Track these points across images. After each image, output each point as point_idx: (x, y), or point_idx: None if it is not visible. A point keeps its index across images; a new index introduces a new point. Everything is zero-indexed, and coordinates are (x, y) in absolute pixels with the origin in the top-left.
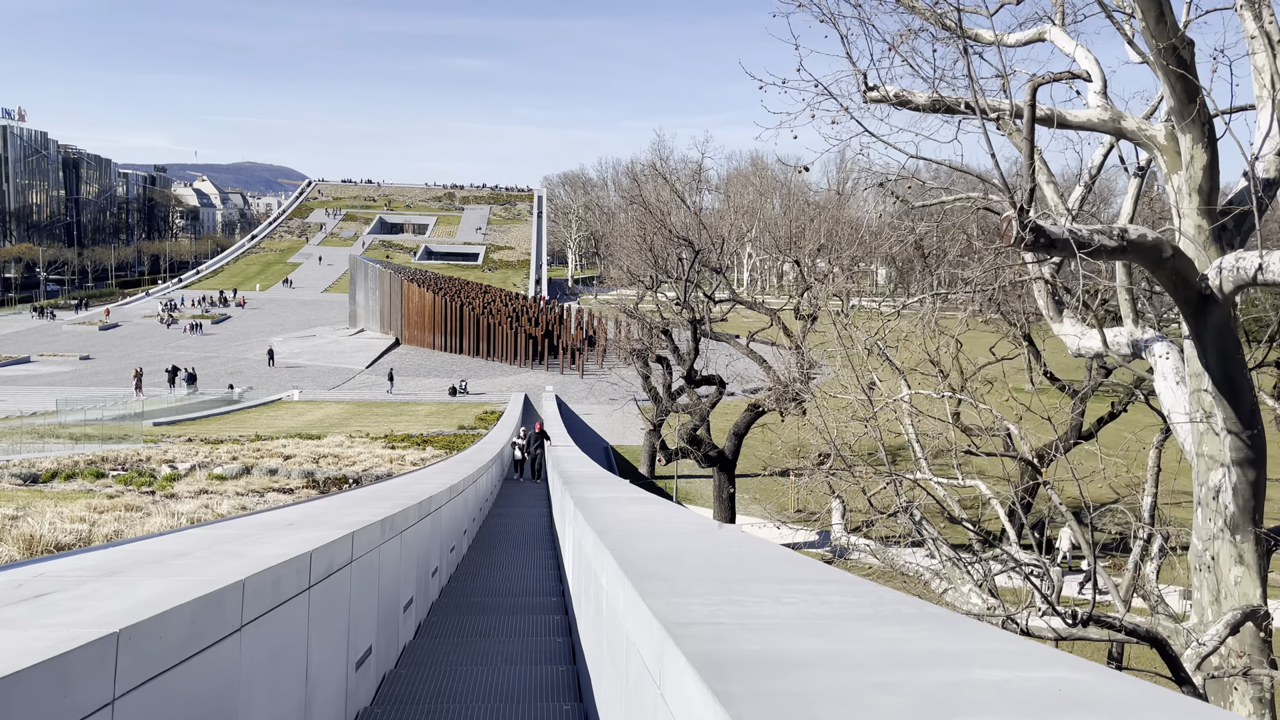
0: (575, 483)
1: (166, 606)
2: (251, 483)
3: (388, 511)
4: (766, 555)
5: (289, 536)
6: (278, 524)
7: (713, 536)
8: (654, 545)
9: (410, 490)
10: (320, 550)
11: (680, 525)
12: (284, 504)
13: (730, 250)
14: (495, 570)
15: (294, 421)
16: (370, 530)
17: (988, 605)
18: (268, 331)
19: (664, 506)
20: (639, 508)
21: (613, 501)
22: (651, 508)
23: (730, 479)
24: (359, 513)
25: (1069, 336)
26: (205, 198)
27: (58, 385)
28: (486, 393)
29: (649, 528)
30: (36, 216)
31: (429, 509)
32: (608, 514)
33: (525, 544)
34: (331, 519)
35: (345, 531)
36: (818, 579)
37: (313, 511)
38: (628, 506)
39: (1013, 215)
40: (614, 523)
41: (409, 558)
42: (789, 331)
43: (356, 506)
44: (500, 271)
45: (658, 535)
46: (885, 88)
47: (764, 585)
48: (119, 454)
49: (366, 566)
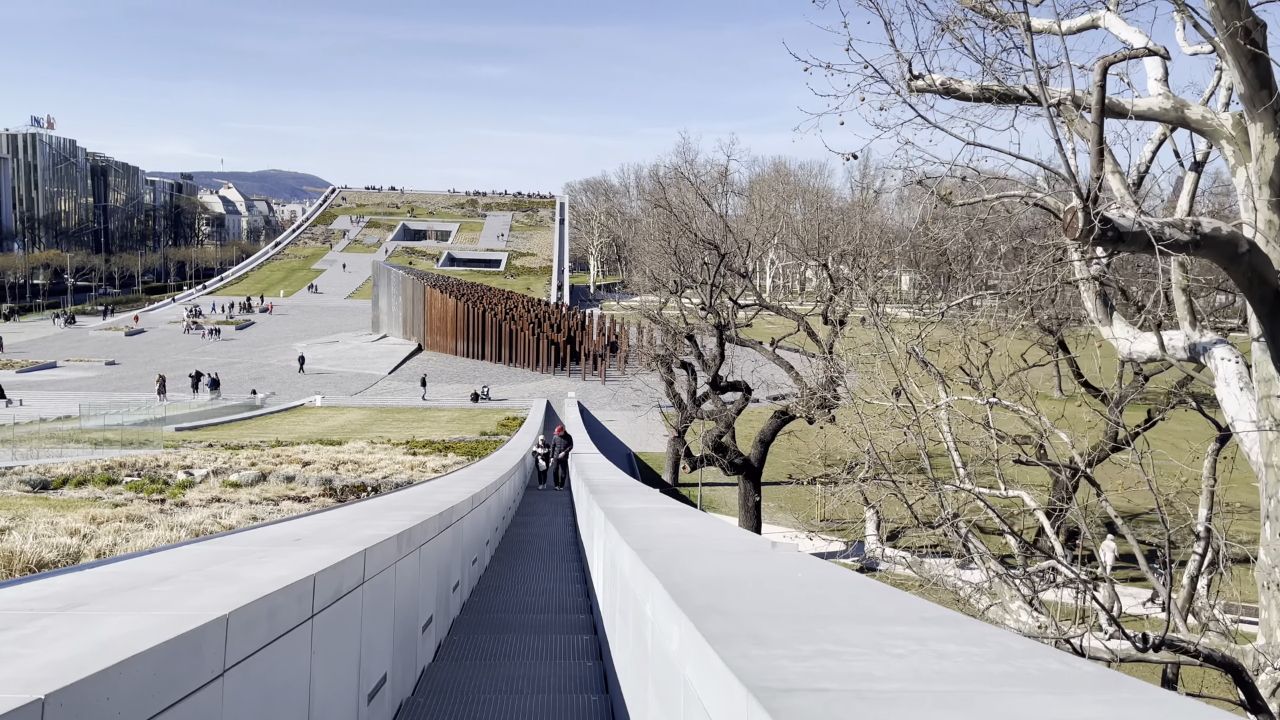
0: (603, 492)
1: (123, 655)
2: (267, 490)
3: (406, 524)
4: (836, 581)
5: (294, 555)
6: (285, 539)
7: (767, 557)
8: (703, 567)
9: (430, 500)
10: (327, 572)
11: (726, 542)
12: (298, 514)
13: (756, 254)
14: (519, 583)
15: (316, 427)
16: (386, 546)
17: (1039, 624)
18: (291, 337)
19: (701, 519)
20: (675, 520)
21: (645, 513)
22: (688, 520)
23: (756, 487)
24: (375, 525)
25: (1120, 340)
26: (230, 205)
27: (83, 390)
28: (508, 399)
29: (691, 544)
30: (65, 223)
31: (450, 520)
32: (642, 528)
33: (549, 555)
34: (344, 532)
35: (358, 549)
36: (912, 617)
37: (325, 524)
38: (662, 519)
39: (1079, 206)
40: (652, 539)
41: (429, 573)
42: (816, 337)
43: (373, 518)
44: (522, 278)
45: (704, 554)
46: (931, 76)
47: (853, 627)
48: (137, 459)
49: (381, 586)
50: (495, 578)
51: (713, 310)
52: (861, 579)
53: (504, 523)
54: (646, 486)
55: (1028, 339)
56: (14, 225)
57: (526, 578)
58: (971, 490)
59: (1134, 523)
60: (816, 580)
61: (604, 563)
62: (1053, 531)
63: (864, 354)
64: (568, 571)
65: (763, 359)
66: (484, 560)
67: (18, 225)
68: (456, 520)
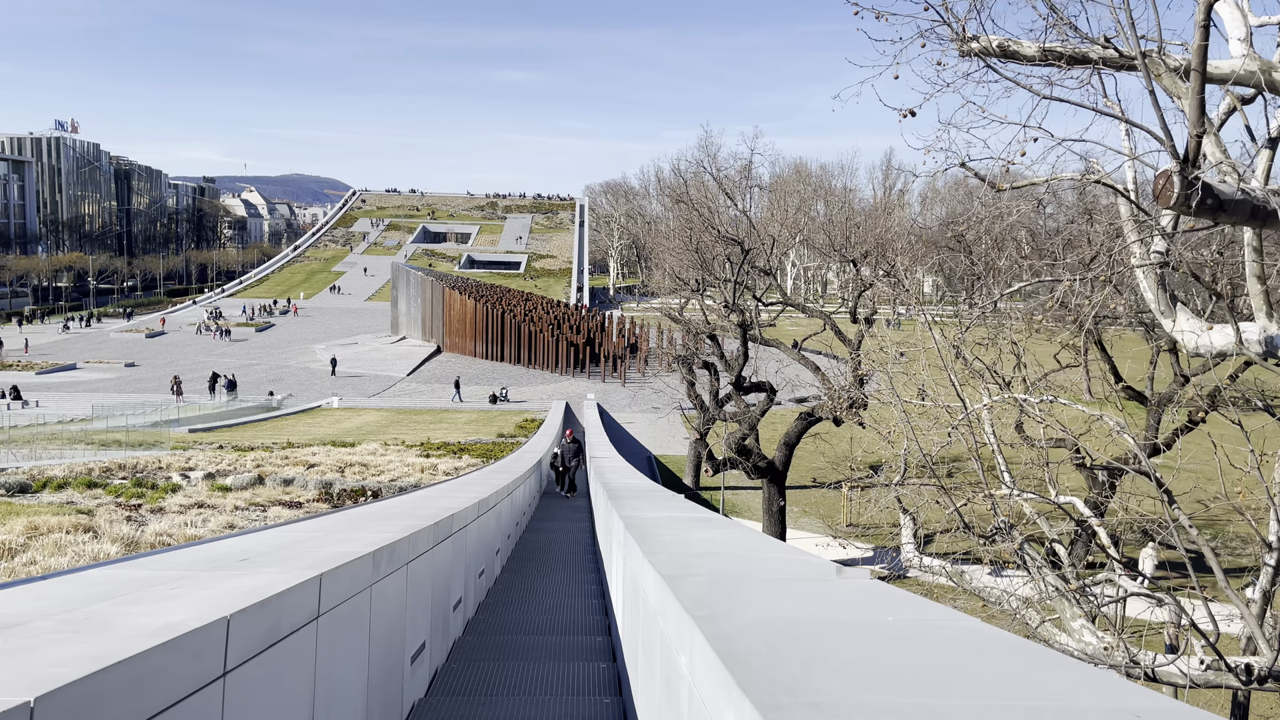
0: (623, 498)
1: None
2: (259, 494)
3: (391, 537)
4: (944, 627)
5: (223, 584)
6: (228, 560)
7: (836, 589)
8: (756, 606)
9: (430, 506)
10: (252, 611)
11: (777, 566)
12: (282, 521)
13: (780, 251)
14: (531, 598)
15: (332, 429)
16: (356, 567)
17: (1103, 645)
18: (310, 339)
19: (738, 532)
20: (707, 534)
21: (672, 524)
22: (723, 534)
23: (781, 491)
24: (355, 538)
25: (1185, 334)
26: (253, 208)
27: (101, 392)
28: (527, 400)
29: (733, 569)
30: (89, 227)
31: (449, 529)
32: (669, 542)
33: (565, 565)
34: (310, 549)
35: (311, 573)
36: (1106, 701)
37: (294, 538)
38: (692, 531)
39: (1174, 169)
40: (683, 559)
41: (420, 593)
42: (844, 336)
43: (355, 529)
44: (542, 280)
45: (753, 585)
46: (988, 37)
47: None
48: (139, 461)
49: (349, 617)
50: (505, 591)
51: (736, 308)
52: (970, 623)
53: (517, 530)
54: (670, 492)
55: (1054, 340)
56: (38, 228)
57: (539, 592)
58: (1022, 496)
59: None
60: (918, 627)
61: (624, 582)
62: (1110, 542)
63: (894, 353)
64: (584, 585)
65: (786, 359)
66: (494, 571)
67: (42, 228)
68: (458, 529)
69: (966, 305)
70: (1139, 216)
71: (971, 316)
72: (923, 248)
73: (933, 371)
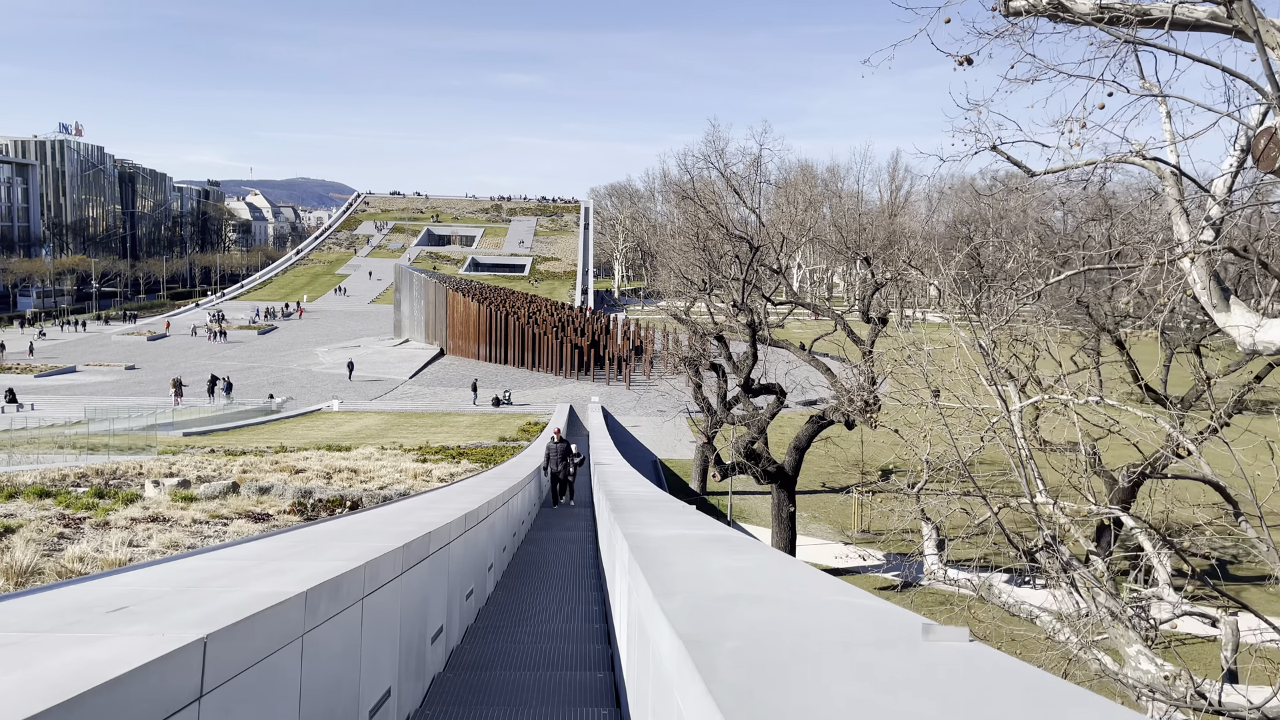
0: (627, 510)
1: None
2: (227, 505)
3: (339, 567)
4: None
5: (48, 660)
6: (95, 611)
7: (924, 658)
8: (819, 691)
9: (406, 521)
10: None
11: (833, 615)
12: (230, 541)
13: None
14: (525, 622)
15: (330, 433)
16: (271, 618)
17: (1164, 674)
18: (312, 342)
19: (766, 558)
20: (729, 560)
21: (685, 546)
22: (748, 560)
23: (790, 497)
24: (292, 569)
25: (1239, 329)
26: (257, 211)
27: (100, 394)
28: (530, 404)
29: (776, 622)
30: (93, 230)
31: (425, 550)
32: (685, 576)
33: (565, 581)
34: (218, 590)
35: (186, 638)
36: None
37: (209, 571)
38: (711, 558)
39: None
40: (706, 608)
41: (382, 630)
42: (856, 336)
43: (299, 555)
44: (546, 283)
45: (808, 656)
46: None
47: None
48: (119, 466)
49: (253, 688)
50: (497, 613)
51: (745, 308)
52: None
53: (515, 541)
54: (679, 503)
55: (1068, 342)
56: (42, 231)
57: (535, 614)
58: (1060, 506)
59: (1185, 536)
60: None
61: (629, 619)
62: (1155, 555)
63: (925, 350)
64: (586, 606)
65: (796, 361)
66: (485, 589)
67: (46, 231)
68: (438, 549)
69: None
70: (1188, 202)
71: (1001, 315)
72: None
73: (965, 372)
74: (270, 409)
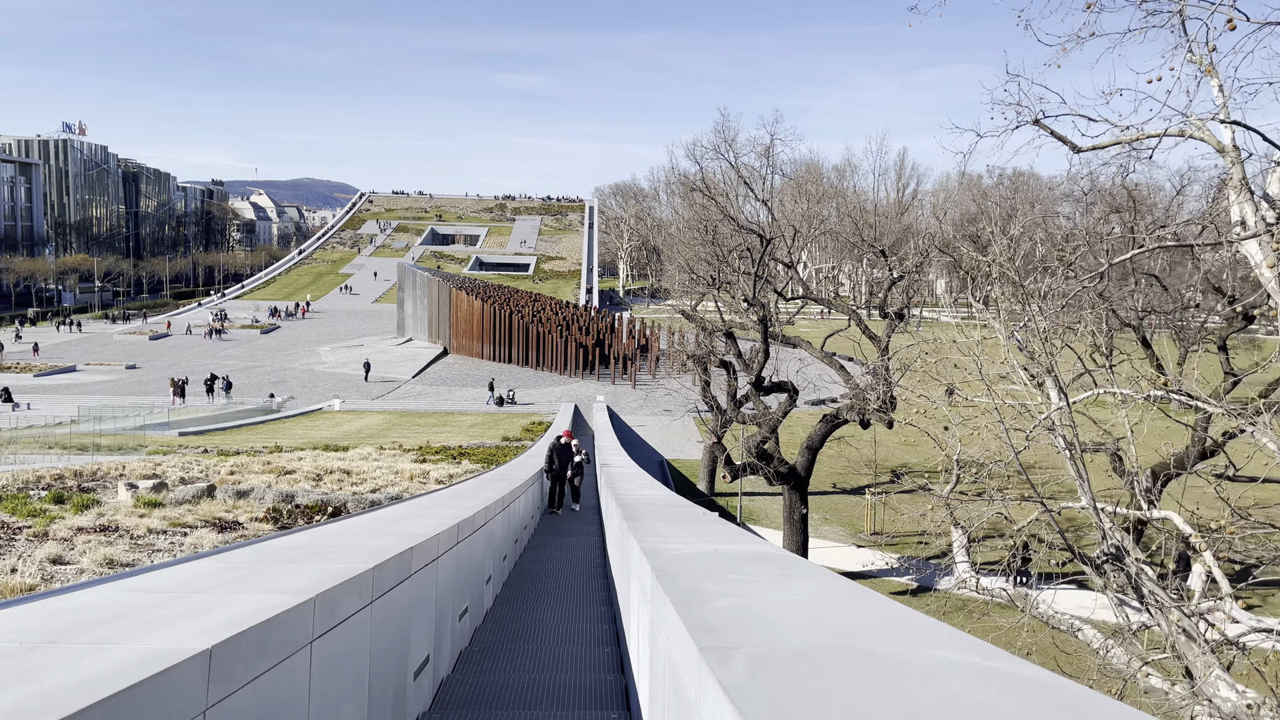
0: (640, 517)
1: None
2: (196, 511)
3: (277, 606)
4: None
5: None
6: None
7: None
8: None
9: (386, 533)
10: None
11: (969, 683)
12: (177, 559)
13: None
14: (526, 645)
15: (330, 432)
16: (147, 699)
17: (1246, 703)
18: (315, 341)
19: (832, 587)
20: (785, 589)
21: (719, 566)
22: (809, 587)
23: (803, 499)
24: (219, 608)
25: None
26: (262, 211)
27: (99, 394)
28: (535, 403)
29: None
30: (96, 229)
31: (405, 569)
32: (733, 614)
33: (570, 594)
34: (86, 649)
35: None
36: None
37: (104, 611)
38: (760, 586)
39: None
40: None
41: (341, 677)
42: (871, 333)
43: (239, 586)
44: (551, 282)
45: None
46: None
47: None
48: (99, 467)
49: None
50: (495, 633)
51: (757, 302)
52: None
53: (517, 548)
54: (698, 508)
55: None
56: (45, 231)
57: (538, 634)
58: (1110, 510)
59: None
60: None
61: (653, 657)
62: (1215, 564)
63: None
64: (593, 624)
65: (807, 359)
66: (483, 605)
67: (49, 231)
68: (422, 566)
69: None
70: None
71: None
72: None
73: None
74: (270, 408)
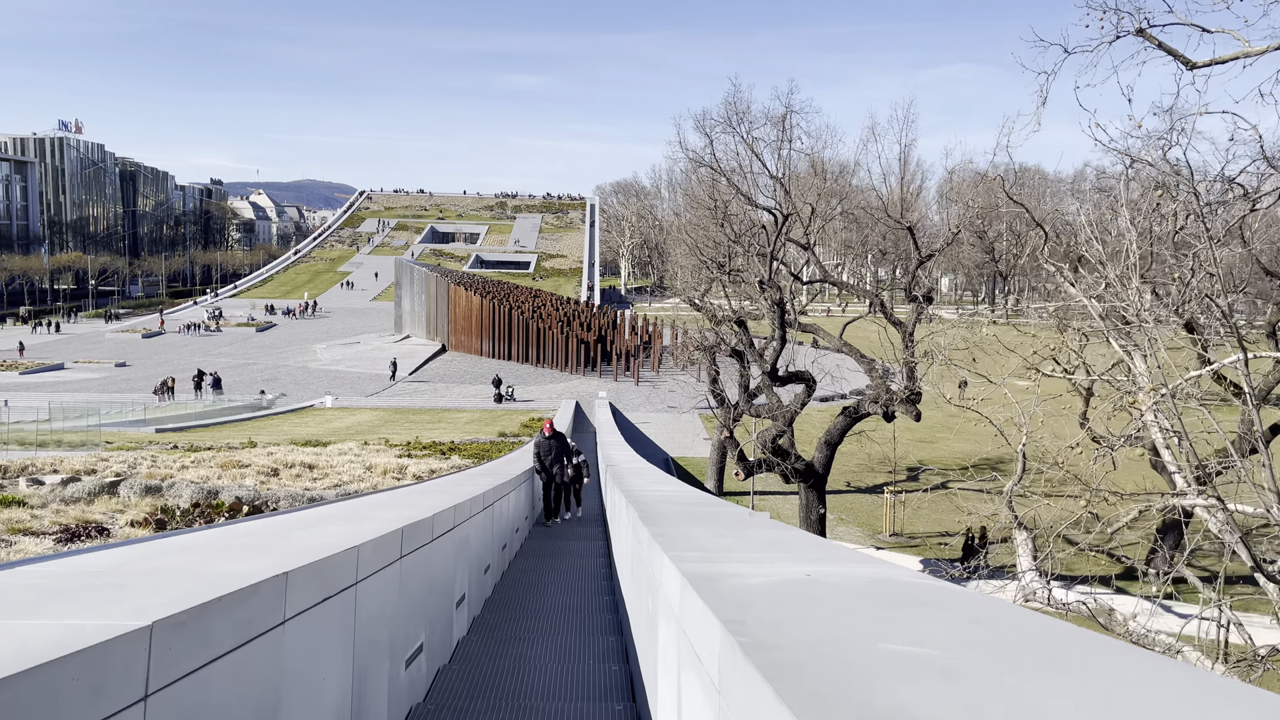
0: (662, 518)
1: None
2: (67, 512)
3: None
4: None
5: None
6: None
7: None
8: None
9: (279, 545)
10: None
11: None
12: None
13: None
14: (505, 705)
15: (319, 429)
16: None
17: None
18: (311, 339)
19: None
20: (1029, 677)
21: (829, 604)
22: (999, 634)
23: (820, 497)
24: None
25: None
26: (261, 211)
27: (84, 391)
28: (535, 400)
29: None
30: (93, 228)
31: (256, 616)
32: None
33: (567, 620)
34: None
35: None
36: None
37: None
38: (958, 656)
39: None
40: None
41: None
42: (895, 319)
43: None
44: (552, 279)
45: None
46: None
47: None
48: (35, 462)
49: None
50: (464, 682)
51: (772, 285)
52: None
53: (505, 555)
54: (730, 504)
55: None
56: (41, 229)
57: (523, 686)
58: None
59: (1253, 536)
60: None
61: None
62: None
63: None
64: (598, 665)
65: (822, 351)
66: (452, 635)
67: (45, 229)
68: (315, 603)
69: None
70: None
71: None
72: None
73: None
74: (261, 405)
